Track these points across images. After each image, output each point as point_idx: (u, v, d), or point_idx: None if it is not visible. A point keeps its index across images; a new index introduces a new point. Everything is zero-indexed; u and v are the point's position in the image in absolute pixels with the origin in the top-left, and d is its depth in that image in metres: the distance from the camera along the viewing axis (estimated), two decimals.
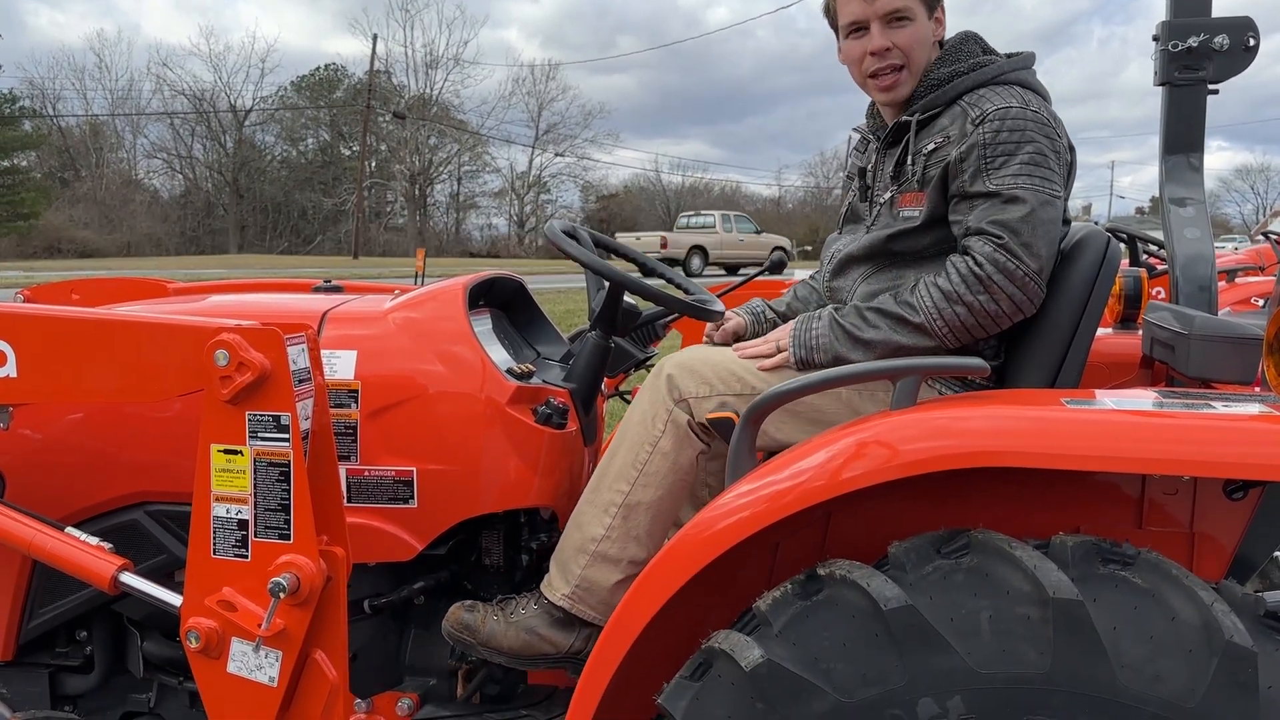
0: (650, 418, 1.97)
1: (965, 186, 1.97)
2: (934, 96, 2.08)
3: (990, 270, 1.90)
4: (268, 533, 1.61)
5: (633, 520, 1.95)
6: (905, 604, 1.35)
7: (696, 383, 1.96)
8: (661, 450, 1.95)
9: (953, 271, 1.95)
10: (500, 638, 1.97)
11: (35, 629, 2.09)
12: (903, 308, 1.98)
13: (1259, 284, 7.21)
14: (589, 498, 2.01)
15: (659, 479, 1.95)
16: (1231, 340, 2.03)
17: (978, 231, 1.94)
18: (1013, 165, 1.93)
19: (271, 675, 1.62)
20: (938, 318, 1.94)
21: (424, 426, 1.99)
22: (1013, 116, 1.95)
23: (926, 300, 1.95)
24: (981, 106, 1.99)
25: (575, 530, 2.00)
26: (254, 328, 1.56)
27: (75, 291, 2.71)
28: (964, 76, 2.06)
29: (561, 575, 1.99)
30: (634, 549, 1.95)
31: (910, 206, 2.09)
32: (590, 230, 2.52)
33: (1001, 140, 1.94)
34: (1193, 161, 2.63)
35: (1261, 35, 2.53)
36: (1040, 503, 1.67)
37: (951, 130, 2.03)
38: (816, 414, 1.95)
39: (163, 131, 54.59)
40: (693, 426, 1.96)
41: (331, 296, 2.40)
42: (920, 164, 2.06)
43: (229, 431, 1.59)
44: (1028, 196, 1.91)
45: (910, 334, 1.97)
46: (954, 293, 1.93)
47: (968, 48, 2.12)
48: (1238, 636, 1.27)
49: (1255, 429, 1.44)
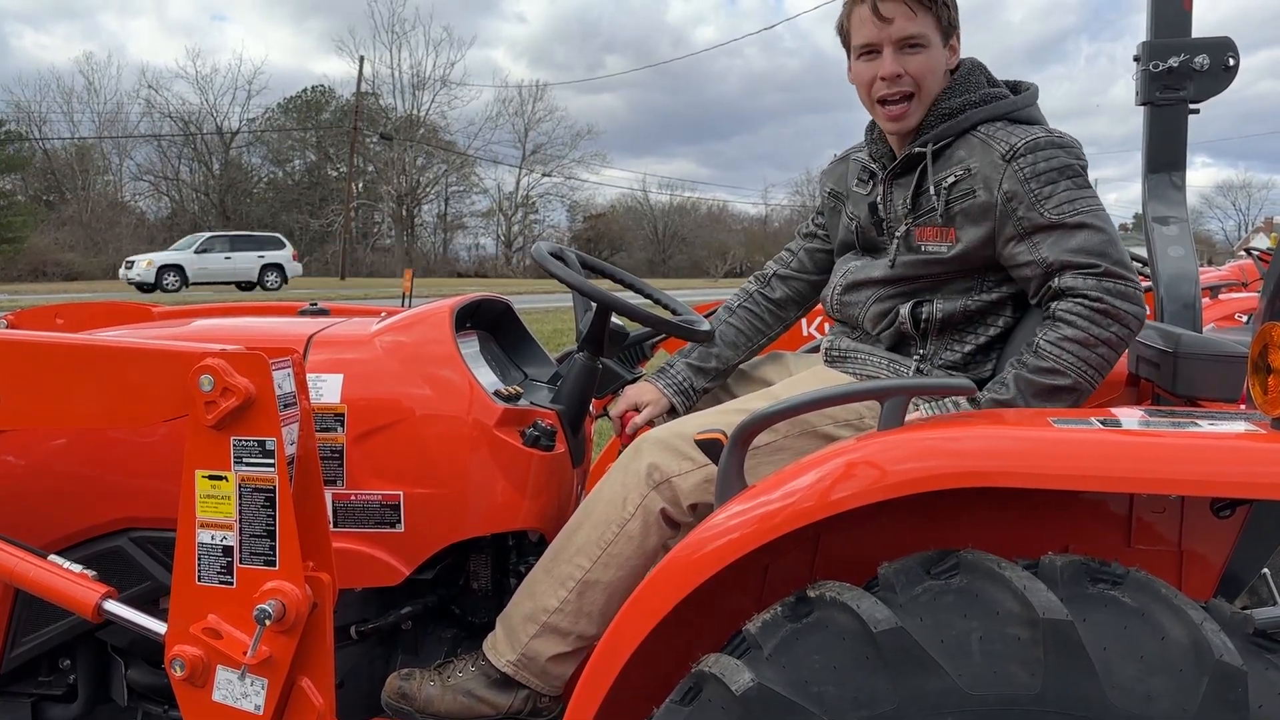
0: (621, 499, 1.92)
1: (1023, 223, 1.94)
2: (946, 127, 2.05)
3: (1109, 300, 1.87)
4: (253, 559, 1.59)
5: (588, 598, 1.91)
6: (895, 626, 1.34)
7: (678, 460, 1.90)
8: (628, 533, 1.90)
9: (1074, 318, 1.89)
10: (437, 702, 1.95)
11: (18, 657, 2.07)
12: (1046, 377, 1.88)
13: (1242, 300, 7.26)
14: (546, 566, 1.96)
15: (621, 561, 1.90)
16: (1217, 358, 2.04)
17: (1063, 266, 1.91)
18: (1060, 193, 1.93)
19: (257, 703, 1.60)
20: (1086, 368, 1.88)
21: (411, 450, 1.98)
22: (1042, 146, 1.96)
23: (1066, 358, 1.88)
24: (1008, 141, 1.98)
25: (528, 598, 1.95)
26: (239, 352, 1.55)
27: (59, 315, 2.70)
28: (976, 109, 2.04)
29: (508, 640, 1.95)
30: (585, 625, 1.91)
31: (934, 241, 2.06)
32: (577, 251, 2.52)
33: (1041, 169, 1.94)
34: (1175, 180, 2.65)
35: (1243, 52, 2.56)
36: (1029, 522, 1.67)
37: (971, 162, 2.00)
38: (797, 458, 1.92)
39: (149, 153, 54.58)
40: (666, 514, 1.90)
41: (318, 320, 2.39)
42: (943, 197, 2.02)
43: (213, 457, 1.58)
44: (1090, 220, 1.91)
45: (1068, 399, 1.90)
46: (1089, 337, 1.87)
47: (975, 78, 2.09)
48: (1227, 655, 1.27)
49: (1241, 447, 1.44)
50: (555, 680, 1.94)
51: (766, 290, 2.48)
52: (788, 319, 2.49)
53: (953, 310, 2.05)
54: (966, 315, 2.06)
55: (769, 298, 2.47)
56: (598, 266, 2.61)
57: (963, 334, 2.08)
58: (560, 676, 1.94)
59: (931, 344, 2.09)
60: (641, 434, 2.07)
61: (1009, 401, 1.90)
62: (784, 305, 2.47)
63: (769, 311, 2.46)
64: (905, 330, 2.09)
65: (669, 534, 1.93)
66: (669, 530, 1.92)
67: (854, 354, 2.19)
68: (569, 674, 1.93)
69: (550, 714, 1.98)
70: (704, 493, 1.87)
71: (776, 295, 2.47)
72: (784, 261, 2.50)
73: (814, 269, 2.45)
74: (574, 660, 1.93)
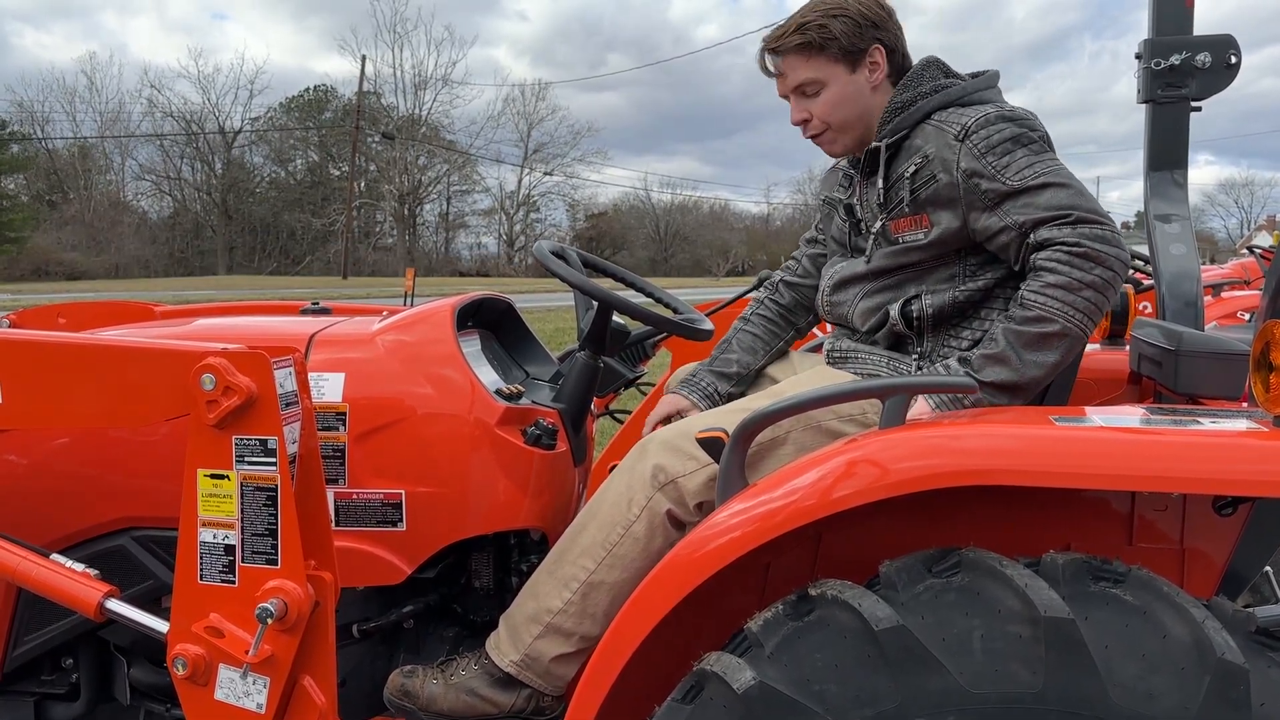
0: (627, 500, 1.91)
1: (988, 194, 1.95)
2: (898, 121, 2.08)
3: (1087, 244, 1.86)
4: (255, 558, 1.59)
5: (592, 599, 1.91)
6: (897, 624, 1.34)
7: (683, 460, 1.90)
8: (634, 535, 1.90)
9: (1054, 264, 1.87)
10: (440, 700, 1.95)
11: (20, 656, 2.07)
12: (1034, 325, 1.88)
13: (1244, 298, 7.26)
14: (550, 568, 1.96)
15: (626, 562, 1.90)
16: (1218, 356, 2.04)
17: (1036, 223, 1.91)
18: (1018, 159, 1.94)
19: (259, 702, 1.61)
20: (1073, 313, 1.86)
21: (412, 449, 1.98)
22: (992, 121, 1.97)
23: (1052, 305, 1.87)
24: (959, 122, 2.00)
25: (531, 598, 1.95)
26: (240, 351, 1.55)
27: (62, 315, 2.70)
28: (928, 98, 2.07)
29: (511, 641, 1.95)
30: (589, 626, 1.91)
31: (909, 230, 2.08)
32: (579, 250, 2.52)
33: (995, 142, 1.95)
34: (1177, 178, 2.65)
35: (1245, 49, 2.56)
36: (1030, 520, 1.67)
37: (929, 149, 2.03)
38: (801, 453, 1.89)
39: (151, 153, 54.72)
40: (672, 515, 1.90)
41: (319, 319, 2.39)
42: (905, 188, 2.06)
43: (215, 456, 1.58)
44: (1052, 179, 1.91)
45: (1061, 345, 1.88)
46: (1072, 281, 1.85)
47: (929, 73, 2.12)
48: (1230, 654, 1.27)
49: (1243, 445, 1.44)
50: (558, 681, 1.94)
51: (776, 297, 2.53)
52: (799, 324, 2.53)
53: (942, 304, 2.06)
54: (957, 307, 2.07)
55: (779, 304, 2.52)
56: (599, 265, 2.61)
57: (958, 329, 2.08)
58: (563, 677, 1.94)
59: (928, 341, 2.10)
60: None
61: (999, 356, 1.89)
62: (794, 310, 2.51)
63: (781, 316, 2.50)
64: (899, 330, 2.10)
65: (674, 535, 1.92)
66: (674, 532, 1.92)
67: (854, 354, 2.19)
68: (572, 674, 1.93)
69: (553, 713, 1.98)
70: (710, 491, 1.87)
71: (786, 300, 2.52)
72: (790, 269, 2.56)
73: (818, 274, 2.48)
74: (577, 661, 1.93)
